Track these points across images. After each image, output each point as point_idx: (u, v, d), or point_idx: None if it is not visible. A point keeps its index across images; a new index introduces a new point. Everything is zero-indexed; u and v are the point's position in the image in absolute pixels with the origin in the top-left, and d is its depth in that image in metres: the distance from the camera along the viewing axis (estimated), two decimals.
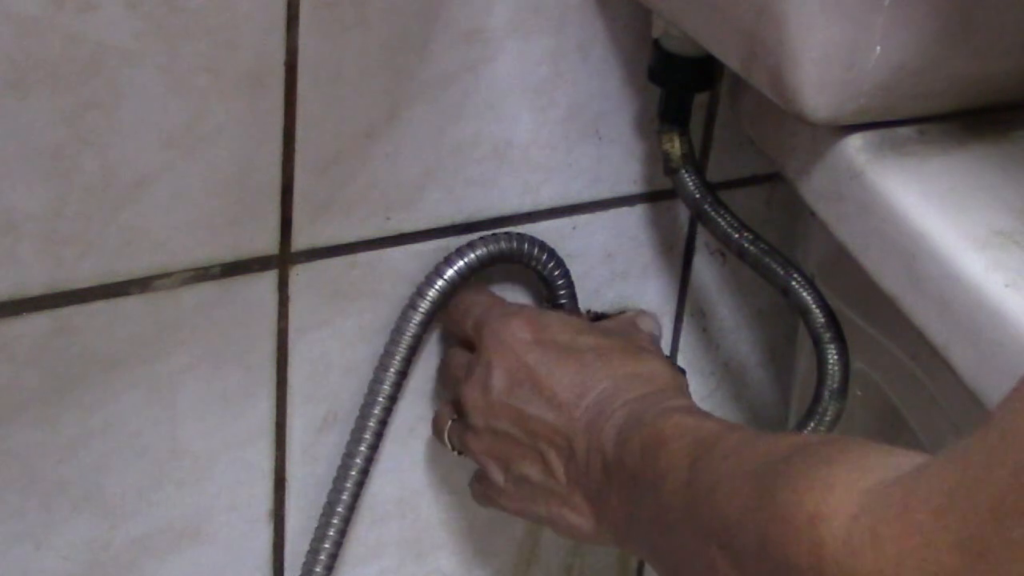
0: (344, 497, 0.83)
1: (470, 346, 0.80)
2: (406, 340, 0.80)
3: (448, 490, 0.90)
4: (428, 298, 0.80)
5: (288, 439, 0.82)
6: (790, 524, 0.49)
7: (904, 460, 0.48)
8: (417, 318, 0.80)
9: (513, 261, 0.82)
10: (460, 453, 0.81)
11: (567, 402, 0.73)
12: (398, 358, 0.81)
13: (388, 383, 0.81)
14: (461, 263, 0.80)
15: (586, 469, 0.71)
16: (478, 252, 0.80)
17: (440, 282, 0.80)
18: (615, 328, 0.83)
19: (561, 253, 0.85)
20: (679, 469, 0.62)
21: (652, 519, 0.64)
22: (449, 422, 0.80)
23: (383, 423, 0.82)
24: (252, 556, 0.85)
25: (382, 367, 0.81)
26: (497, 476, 0.77)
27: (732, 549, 0.54)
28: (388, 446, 0.86)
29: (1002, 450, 0.41)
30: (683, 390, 0.76)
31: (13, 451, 0.74)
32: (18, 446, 0.74)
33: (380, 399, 0.81)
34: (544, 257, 0.82)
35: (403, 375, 0.81)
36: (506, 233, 0.82)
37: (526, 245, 0.82)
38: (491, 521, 0.92)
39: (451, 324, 0.82)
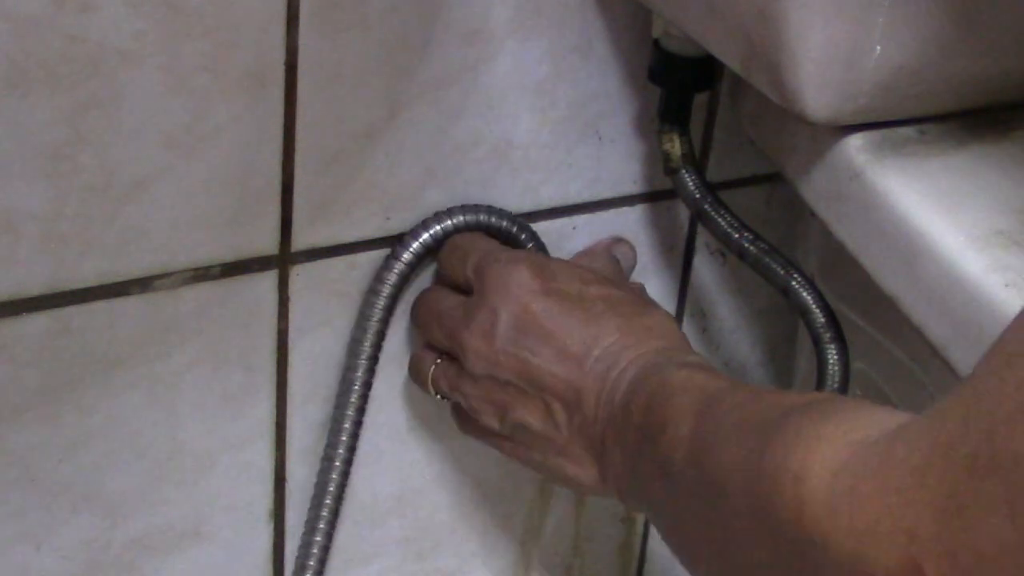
0: (331, 489, 0.82)
1: (463, 290, 0.77)
2: (373, 325, 0.79)
3: (448, 489, 0.90)
4: (389, 282, 0.79)
5: (288, 439, 0.82)
6: (776, 481, 0.49)
7: (889, 419, 0.48)
8: (381, 303, 0.79)
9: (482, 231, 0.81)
10: (443, 398, 0.79)
11: (577, 354, 0.72)
12: (367, 344, 0.80)
13: (361, 370, 0.80)
14: (416, 243, 0.79)
15: (593, 421, 0.70)
16: (432, 230, 0.79)
17: (399, 265, 0.79)
18: (599, 266, 0.82)
19: (561, 253, 0.85)
20: (683, 421, 0.62)
21: (652, 472, 0.64)
22: (432, 366, 0.79)
23: (361, 411, 0.81)
24: (252, 556, 0.85)
25: (352, 353, 0.80)
26: (492, 422, 0.75)
27: (724, 504, 0.54)
28: (387, 444, 0.86)
29: (976, 409, 0.41)
30: (690, 346, 0.76)
31: (13, 451, 0.74)
32: (18, 446, 0.74)
33: (355, 387, 0.80)
34: (514, 229, 0.81)
35: (374, 360, 0.80)
36: (472, 206, 0.80)
37: (493, 218, 0.80)
38: (491, 520, 0.92)
39: (447, 266, 0.79)
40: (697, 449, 0.60)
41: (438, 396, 0.80)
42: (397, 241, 0.79)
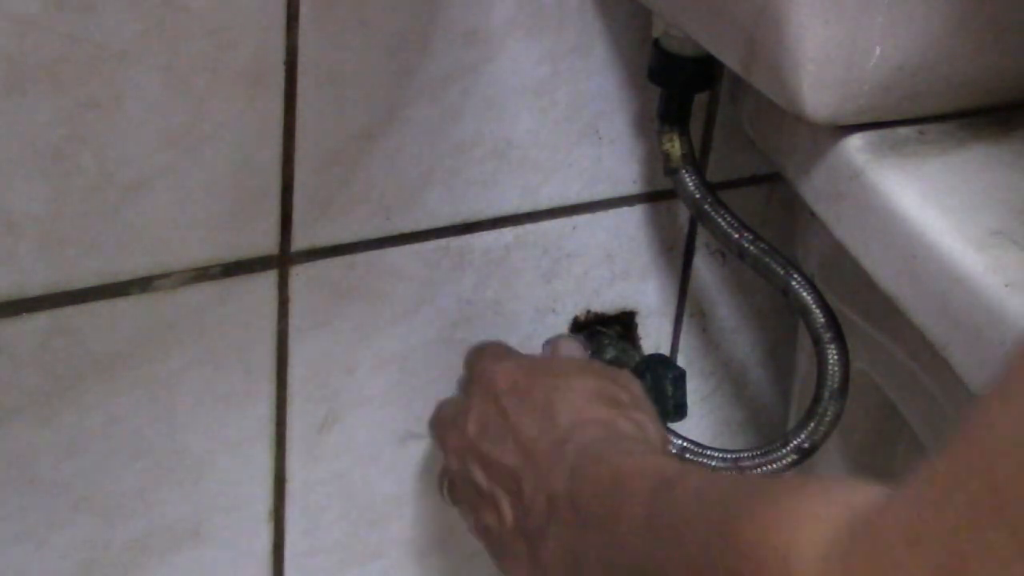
0: None
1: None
2: None
3: None
4: None
5: (288, 439, 0.82)
6: (758, 563, 0.46)
7: (871, 491, 0.45)
8: None
9: None
10: (455, 504, 0.78)
11: (526, 443, 0.71)
12: None
13: None
14: None
15: (529, 510, 0.69)
16: None
17: None
18: (594, 366, 0.80)
19: (561, 253, 0.85)
20: (638, 507, 0.59)
21: (605, 561, 0.61)
22: (442, 474, 0.79)
23: None
24: (252, 556, 0.85)
25: None
26: (470, 525, 0.75)
27: None
28: (387, 448, 0.86)
29: (970, 455, 0.38)
30: (654, 442, 0.73)
31: (13, 451, 0.74)
32: (18, 446, 0.74)
33: None
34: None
35: None
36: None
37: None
38: None
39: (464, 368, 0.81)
40: (656, 534, 0.56)
41: (452, 503, 0.79)
42: None
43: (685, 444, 0.82)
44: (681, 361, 0.94)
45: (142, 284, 0.73)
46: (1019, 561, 0.36)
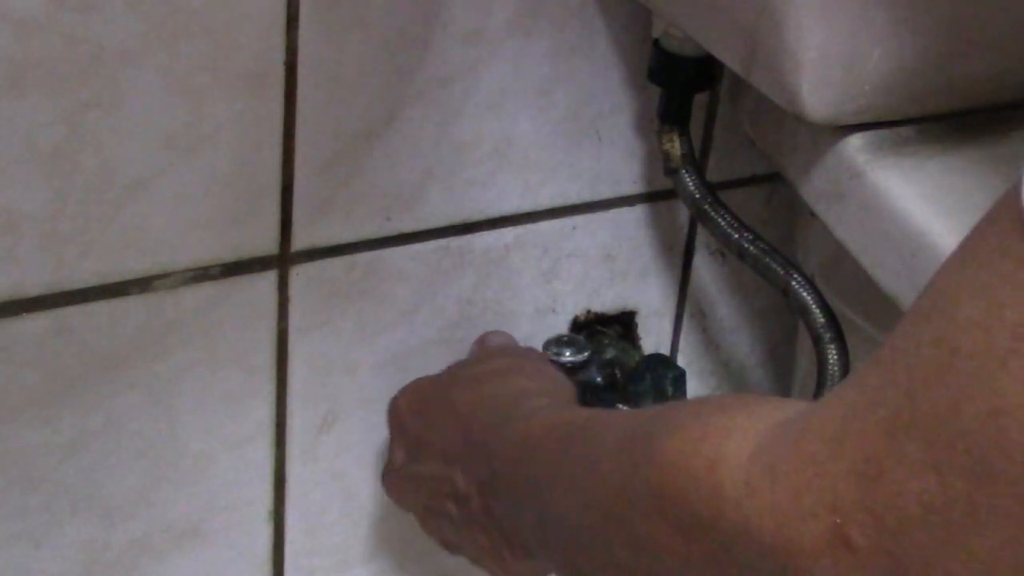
0: None
1: None
2: None
3: None
4: None
5: (288, 439, 0.82)
6: (687, 472, 0.47)
7: (796, 404, 0.47)
8: None
9: None
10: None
11: (443, 450, 0.73)
12: None
13: None
14: None
15: (468, 501, 0.70)
16: None
17: None
18: (484, 351, 0.82)
19: (561, 253, 0.85)
20: (552, 459, 0.60)
21: (540, 521, 0.61)
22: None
23: None
24: (252, 556, 0.85)
25: None
26: (446, 545, 0.77)
27: (626, 514, 0.51)
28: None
29: (892, 370, 0.40)
30: (559, 393, 0.74)
31: (13, 451, 0.74)
32: (18, 446, 0.74)
33: None
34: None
35: None
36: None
37: None
38: None
39: None
40: (572, 480, 0.57)
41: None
42: None
43: None
44: (681, 361, 0.94)
45: (142, 284, 0.73)
46: (930, 470, 0.38)
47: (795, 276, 0.77)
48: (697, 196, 0.80)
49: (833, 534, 0.41)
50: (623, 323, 0.91)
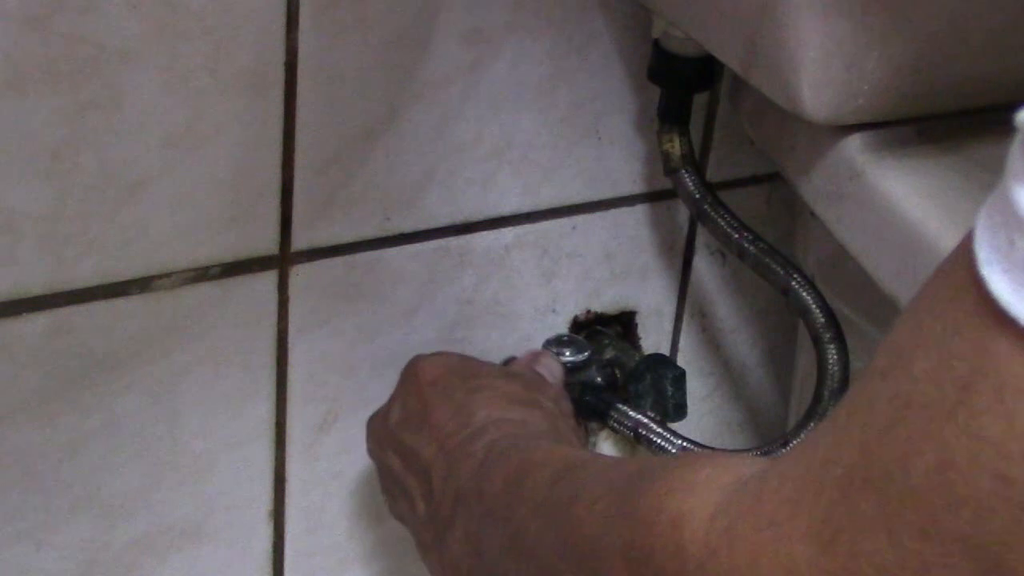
0: None
1: None
2: None
3: None
4: None
5: (288, 439, 0.82)
6: (652, 528, 0.47)
7: (759, 460, 0.47)
8: None
9: None
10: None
11: (440, 436, 0.71)
12: None
13: None
14: None
15: (439, 501, 0.69)
16: None
17: None
18: (524, 375, 0.80)
19: (561, 253, 0.85)
20: (539, 491, 0.60)
21: (506, 548, 0.61)
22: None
23: None
24: (252, 556, 0.85)
25: None
26: (391, 511, 0.77)
27: (593, 563, 0.52)
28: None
29: (849, 426, 0.40)
30: (568, 439, 0.73)
31: (13, 451, 0.74)
32: (18, 446, 0.74)
33: None
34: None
35: None
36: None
37: None
38: None
39: None
40: (555, 512, 0.57)
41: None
42: None
43: (685, 444, 0.82)
44: (681, 361, 0.94)
45: (142, 284, 0.73)
46: (881, 529, 0.38)
47: (795, 276, 0.77)
48: (697, 196, 0.80)
49: None
50: (623, 323, 0.91)
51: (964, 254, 0.38)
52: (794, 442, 0.43)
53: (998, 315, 0.36)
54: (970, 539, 0.36)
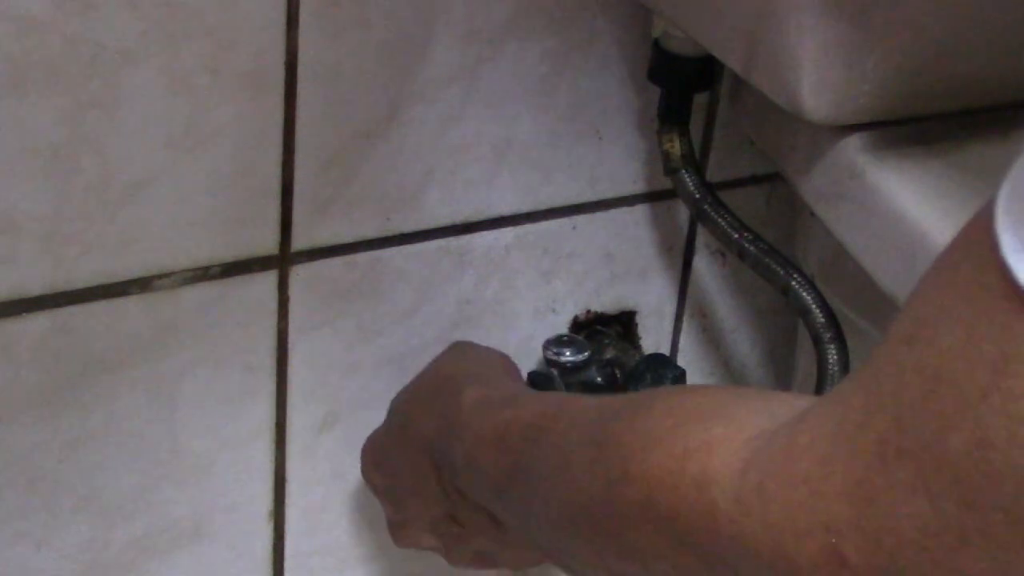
0: None
1: None
2: None
3: None
4: None
5: (288, 439, 0.82)
6: (675, 491, 0.48)
7: (782, 406, 0.47)
8: None
9: None
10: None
11: (425, 483, 0.73)
12: None
13: None
14: None
15: (462, 516, 0.72)
16: None
17: None
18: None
19: (561, 253, 0.85)
20: (514, 460, 0.60)
21: (521, 521, 0.62)
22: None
23: None
24: (252, 556, 0.85)
25: None
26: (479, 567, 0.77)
27: (614, 525, 0.51)
28: None
29: (879, 394, 0.41)
30: (492, 377, 0.74)
31: (13, 451, 0.74)
32: (18, 446, 0.74)
33: None
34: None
35: None
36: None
37: None
38: None
39: None
40: (539, 487, 0.57)
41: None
42: None
43: None
44: (681, 361, 0.94)
45: (142, 284, 0.73)
46: (922, 495, 0.39)
47: (795, 276, 0.77)
48: (697, 196, 0.80)
49: (829, 552, 0.42)
50: (623, 323, 0.91)
51: (984, 234, 0.39)
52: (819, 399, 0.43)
53: None
54: (1013, 511, 0.38)
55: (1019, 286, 0.37)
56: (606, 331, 0.90)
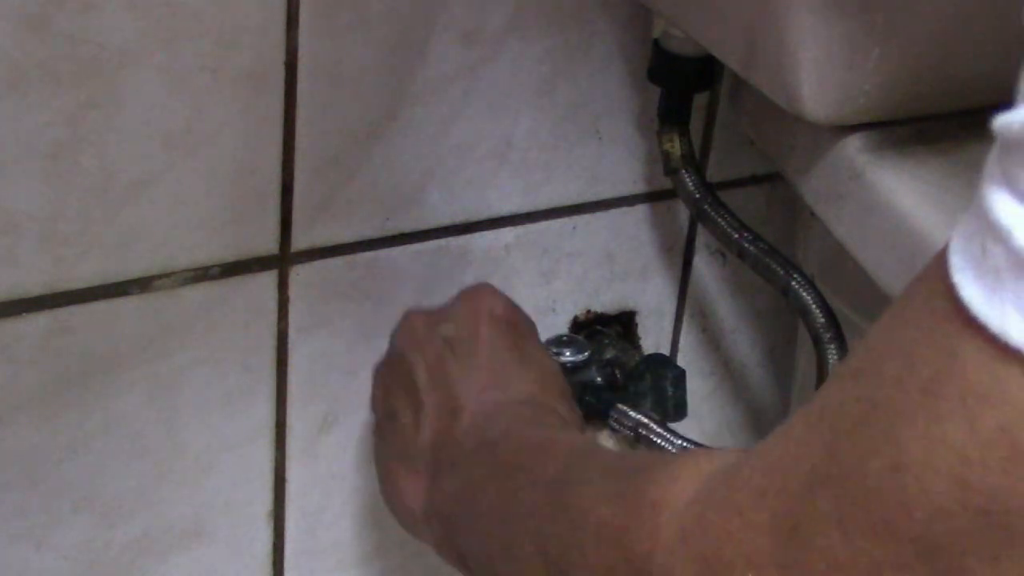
0: None
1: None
2: None
3: None
4: None
5: (288, 439, 0.82)
6: (635, 512, 0.48)
7: (739, 452, 0.47)
8: None
9: None
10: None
11: (477, 384, 0.71)
12: None
13: None
14: None
15: (453, 443, 0.69)
16: None
17: None
18: (559, 373, 0.80)
19: (561, 253, 0.85)
20: (551, 466, 0.61)
21: (501, 512, 0.62)
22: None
23: None
24: (252, 556, 0.85)
25: None
26: (376, 406, 0.76)
27: (577, 536, 0.53)
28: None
29: (819, 425, 0.41)
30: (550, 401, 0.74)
31: (13, 451, 0.74)
32: (18, 446, 0.74)
33: None
34: None
35: None
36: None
37: None
38: None
39: None
40: (557, 495, 0.58)
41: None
42: None
43: (685, 444, 0.82)
44: (681, 361, 0.94)
45: (142, 284, 0.73)
46: (835, 526, 0.38)
47: (795, 276, 0.77)
48: (697, 196, 0.80)
49: None
50: (623, 323, 0.91)
51: (940, 261, 0.38)
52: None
53: (967, 320, 0.36)
54: (923, 541, 0.37)
55: (961, 304, 0.36)
56: (606, 331, 0.90)
